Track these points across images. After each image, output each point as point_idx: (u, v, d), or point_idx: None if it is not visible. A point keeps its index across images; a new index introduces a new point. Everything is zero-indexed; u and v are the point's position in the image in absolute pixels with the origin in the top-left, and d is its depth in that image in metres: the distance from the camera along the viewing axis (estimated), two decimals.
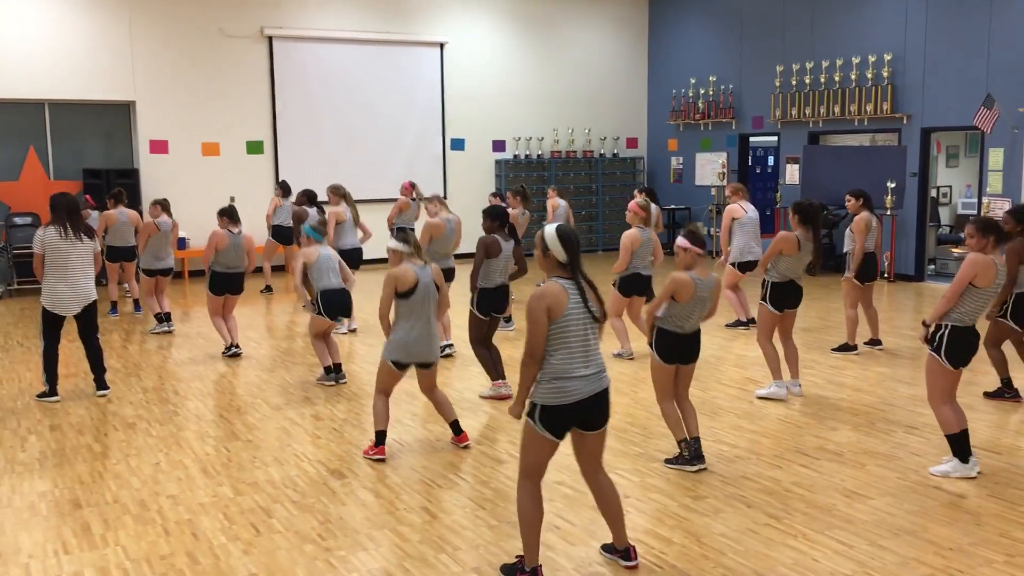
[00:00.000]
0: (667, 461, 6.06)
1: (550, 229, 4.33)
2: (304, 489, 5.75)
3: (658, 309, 5.87)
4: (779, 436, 6.68)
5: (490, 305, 7.67)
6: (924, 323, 5.83)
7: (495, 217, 7.79)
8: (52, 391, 7.85)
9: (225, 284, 9.36)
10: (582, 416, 4.31)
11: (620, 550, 4.64)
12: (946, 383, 5.76)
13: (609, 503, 4.57)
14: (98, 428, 7.08)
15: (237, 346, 9.50)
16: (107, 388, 8.05)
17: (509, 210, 8.68)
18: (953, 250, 15.04)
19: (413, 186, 12.10)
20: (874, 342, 9.41)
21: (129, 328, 11.13)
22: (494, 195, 12.20)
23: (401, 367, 6.17)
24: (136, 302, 12.04)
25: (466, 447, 6.45)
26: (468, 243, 12.87)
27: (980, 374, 7.90)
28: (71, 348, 9.98)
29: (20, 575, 4.62)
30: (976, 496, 5.50)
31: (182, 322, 11.45)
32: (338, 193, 10.86)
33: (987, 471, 5.92)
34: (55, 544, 4.98)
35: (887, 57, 14.15)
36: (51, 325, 7.77)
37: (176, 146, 15.15)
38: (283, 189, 13.66)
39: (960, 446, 5.76)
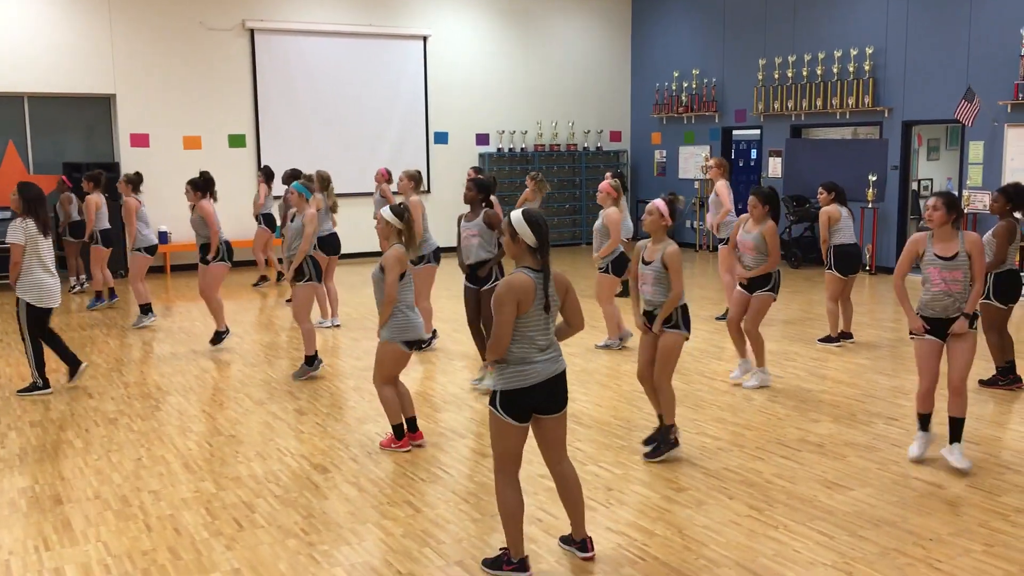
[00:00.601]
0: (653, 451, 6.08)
1: (517, 214, 4.32)
2: (287, 484, 5.74)
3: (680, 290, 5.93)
4: (761, 428, 6.71)
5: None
6: (967, 314, 5.69)
7: (481, 189, 7.83)
8: (46, 383, 7.85)
9: (230, 254, 9.54)
10: (540, 399, 4.31)
11: (577, 541, 4.66)
12: None
13: (571, 493, 4.58)
14: (79, 424, 7.04)
15: (227, 329, 9.63)
16: (81, 362, 8.08)
17: None
18: None
19: (389, 174, 12.00)
20: (845, 335, 9.44)
21: (110, 322, 11.05)
22: (475, 169, 12.14)
23: (410, 347, 6.17)
24: (99, 294, 11.89)
25: (420, 446, 6.38)
26: (447, 237, 12.91)
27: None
28: None
29: (1, 572, 4.59)
30: (955, 486, 5.55)
31: (164, 317, 11.39)
32: (320, 178, 10.83)
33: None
34: (36, 540, 4.95)
35: (869, 51, 14.21)
36: (41, 322, 7.70)
37: (157, 140, 15.06)
38: (266, 175, 13.56)
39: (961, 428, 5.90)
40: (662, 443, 6.02)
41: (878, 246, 14.37)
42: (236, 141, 15.64)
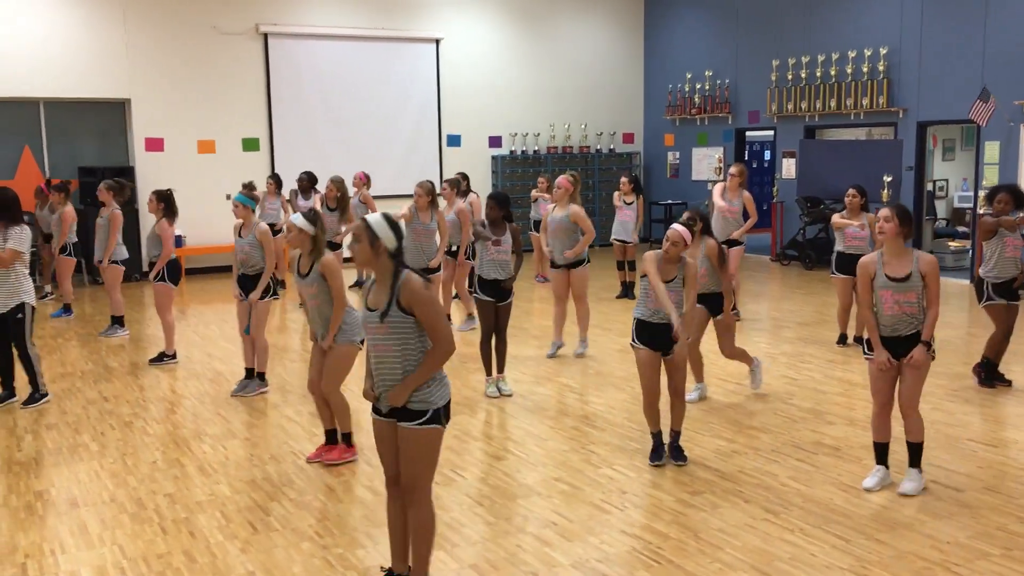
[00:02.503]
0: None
1: (376, 217, 4.04)
2: (301, 487, 5.75)
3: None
4: (776, 431, 6.68)
5: None
6: (927, 342, 5.34)
7: (503, 205, 7.70)
8: (46, 391, 7.78)
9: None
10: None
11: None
12: None
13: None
14: (95, 427, 7.07)
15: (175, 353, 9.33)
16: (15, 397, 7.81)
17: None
18: (950, 244, 15.07)
19: (367, 177, 12.07)
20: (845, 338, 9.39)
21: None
22: (462, 175, 12.13)
23: (362, 342, 6.14)
24: (67, 306, 11.68)
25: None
26: None
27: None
28: (68, 346, 9.98)
29: (17, 575, 4.61)
30: (973, 490, 5.51)
31: (178, 320, 11.41)
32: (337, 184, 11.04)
33: (984, 464, 5.93)
34: (52, 544, 4.97)
35: (883, 51, 14.15)
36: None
37: (172, 144, 15.12)
38: (276, 182, 13.38)
39: (920, 453, 5.54)
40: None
41: None
42: (250, 145, 15.69)
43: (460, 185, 11.65)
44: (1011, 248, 7.48)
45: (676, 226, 5.85)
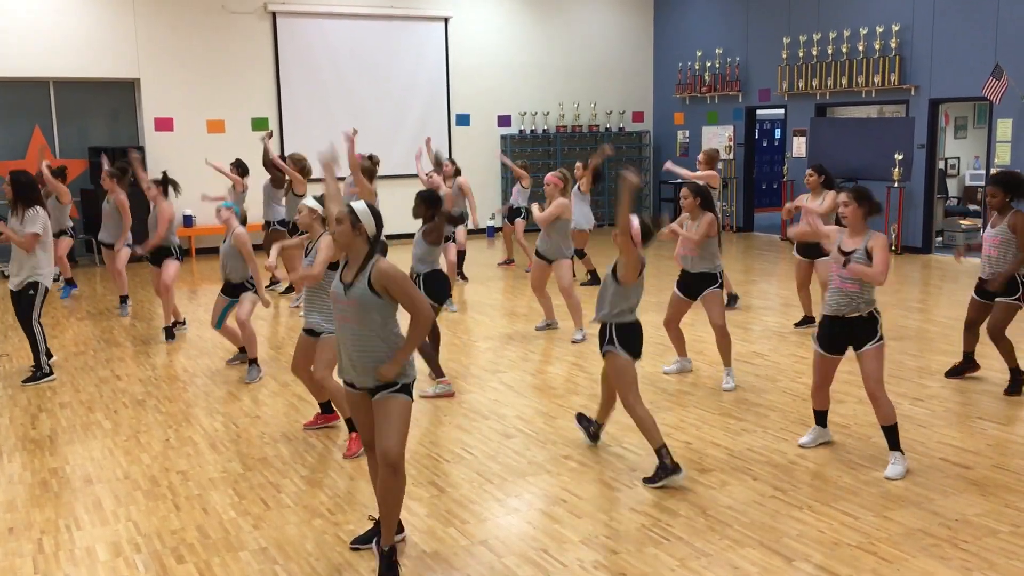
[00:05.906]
0: (647, 480, 5.34)
1: (362, 204, 4.21)
2: (313, 464, 5.79)
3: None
4: (784, 409, 6.69)
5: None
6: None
7: (431, 203, 7.25)
8: (51, 370, 7.87)
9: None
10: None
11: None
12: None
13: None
14: (108, 405, 7.14)
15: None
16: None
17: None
18: (961, 222, 14.99)
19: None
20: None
21: (138, 307, 11.13)
22: (446, 167, 11.95)
23: None
24: (69, 281, 11.81)
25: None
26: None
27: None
28: (80, 325, 10.04)
29: (33, 551, 4.67)
30: (982, 467, 5.52)
31: (189, 300, 11.50)
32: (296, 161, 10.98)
33: (993, 442, 5.94)
34: (67, 520, 5.03)
35: (895, 28, 14.03)
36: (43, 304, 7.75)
37: (181, 123, 15.14)
38: (240, 169, 12.22)
39: (896, 435, 5.46)
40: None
41: (904, 226, 14.23)
42: (259, 124, 15.68)
43: (447, 169, 11.77)
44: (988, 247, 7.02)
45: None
